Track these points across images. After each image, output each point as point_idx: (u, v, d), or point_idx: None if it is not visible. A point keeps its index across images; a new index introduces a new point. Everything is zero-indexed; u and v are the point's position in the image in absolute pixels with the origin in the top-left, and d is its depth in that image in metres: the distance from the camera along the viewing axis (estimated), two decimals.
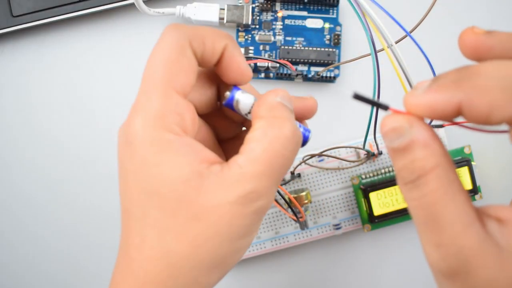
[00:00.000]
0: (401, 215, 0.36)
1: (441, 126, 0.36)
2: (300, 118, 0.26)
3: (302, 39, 0.39)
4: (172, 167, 0.21)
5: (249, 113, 0.25)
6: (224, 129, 0.27)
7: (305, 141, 0.25)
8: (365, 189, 0.36)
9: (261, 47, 0.39)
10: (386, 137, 0.19)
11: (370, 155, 0.37)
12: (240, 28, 0.39)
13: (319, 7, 0.39)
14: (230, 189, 0.21)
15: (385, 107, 0.19)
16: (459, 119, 0.19)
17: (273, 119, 0.23)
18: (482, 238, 0.18)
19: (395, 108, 0.19)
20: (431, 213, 0.18)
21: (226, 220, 0.21)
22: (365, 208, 0.37)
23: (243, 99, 0.24)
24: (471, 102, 0.17)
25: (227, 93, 0.25)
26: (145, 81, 0.23)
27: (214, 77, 0.26)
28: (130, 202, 0.22)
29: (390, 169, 0.37)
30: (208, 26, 0.24)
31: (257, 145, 0.22)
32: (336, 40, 0.39)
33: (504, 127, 0.18)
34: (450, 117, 0.18)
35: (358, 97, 0.19)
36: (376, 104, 0.19)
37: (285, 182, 0.37)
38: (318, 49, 0.38)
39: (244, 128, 0.28)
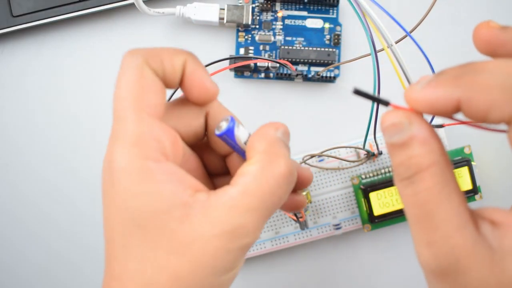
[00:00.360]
0: (401, 215, 0.36)
1: (441, 126, 0.36)
2: (297, 187, 0.25)
3: (302, 39, 0.39)
4: (153, 197, 0.21)
5: (237, 146, 0.24)
6: (210, 163, 0.26)
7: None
8: (365, 189, 0.36)
9: (261, 47, 0.39)
10: (385, 132, 0.19)
11: (370, 155, 0.37)
12: (240, 28, 0.39)
13: (319, 7, 0.39)
14: (217, 221, 0.21)
15: (386, 103, 0.19)
16: (460, 118, 0.19)
17: (272, 155, 0.22)
18: (475, 239, 0.18)
19: (396, 104, 0.19)
20: (425, 211, 0.18)
21: (210, 255, 0.21)
22: (365, 208, 0.37)
23: (239, 130, 0.24)
24: (470, 99, 0.17)
25: (223, 124, 0.24)
26: (115, 109, 0.22)
27: (201, 108, 0.25)
28: (112, 232, 0.22)
29: (390, 169, 0.37)
30: (164, 46, 0.23)
31: (252, 180, 0.21)
32: (336, 40, 0.39)
33: (503, 126, 0.18)
34: (449, 113, 0.18)
35: (358, 92, 0.19)
36: (377, 100, 0.19)
37: None
38: (318, 49, 0.38)
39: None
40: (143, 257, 0.21)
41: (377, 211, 0.36)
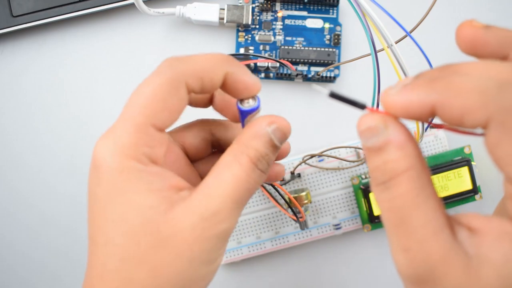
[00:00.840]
0: None
1: (440, 126, 0.36)
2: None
3: (302, 39, 0.39)
4: (138, 194, 0.21)
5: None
6: (196, 150, 0.27)
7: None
8: (365, 189, 0.36)
9: (261, 47, 0.39)
10: (361, 135, 0.19)
11: None
12: (240, 28, 0.39)
13: (319, 7, 0.39)
14: (194, 210, 0.21)
15: (362, 106, 0.19)
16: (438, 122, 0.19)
17: (244, 147, 0.23)
18: (451, 245, 0.17)
19: (372, 107, 0.19)
20: (401, 216, 0.18)
21: (187, 244, 0.21)
22: (365, 208, 0.37)
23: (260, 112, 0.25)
24: (444, 104, 0.17)
25: (250, 101, 0.24)
26: (127, 108, 0.22)
27: (207, 121, 0.26)
28: (94, 228, 0.22)
29: None
30: (205, 55, 0.23)
31: (225, 168, 0.22)
32: (336, 40, 0.39)
33: (480, 130, 0.17)
34: (425, 117, 0.18)
35: (334, 95, 0.19)
36: (353, 103, 0.19)
37: (285, 182, 0.37)
38: (318, 49, 0.38)
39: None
40: (124, 254, 0.21)
41: (377, 211, 0.36)
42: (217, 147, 0.28)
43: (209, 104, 0.27)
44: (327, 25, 0.39)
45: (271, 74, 0.39)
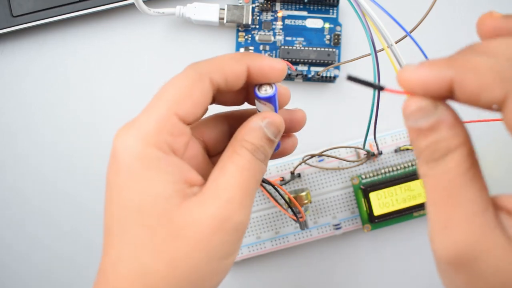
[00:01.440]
0: (401, 215, 0.36)
1: None
2: (288, 130, 0.27)
3: (302, 39, 0.39)
4: (156, 183, 0.21)
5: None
6: (215, 144, 0.27)
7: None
8: (365, 189, 0.36)
9: (261, 47, 0.39)
10: (410, 117, 0.19)
11: (370, 155, 0.37)
12: (240, 28, 0.39)
13: (319, 7, 0.39)
14: (209, 203, 0.22)
15: (380, 88, 0.19)
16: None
17: (237, 148, 0.23)
18: (494, 225, 0.17)
19: (391, 88, 0.19)
20: (448, 190, 0.18)
21: (205, 235, 0.21)
22: (365, 208, 0.37)
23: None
24: (462, 80, 0.17)
25: (267, 88, 0.25)
26: (152, 100, 0.23)
27: (224, 115, 0.27)
28: (111, 218, 0.22)
29: (390, 169, 0.37)
30: (224, 54, 0.24)
31: (228, 162, 0.23)
32: (336, 40, 0.39)
33: (498, 115, 0.17)
34: (443, 95, 0.18)
35: (352, 78, 0.19)
36: (371, 85, 0.19)
37: (285, 182, 0.37)
38: (318, 49, 0.38)
39: None
40: (140, 243, 0.21)
41: (377, 211, 0.36)
42: None
43: (244, 100, 0.27)
44: (327, 25, 0.39)
45: None
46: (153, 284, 0.21)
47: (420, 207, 0.37)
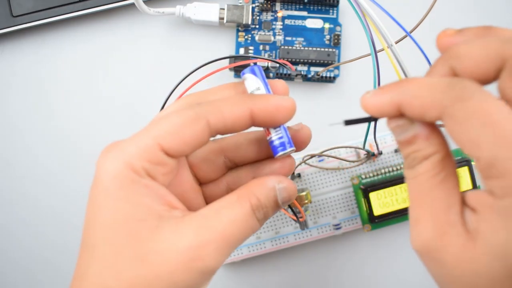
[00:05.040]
0: (401, 215, 0.36)
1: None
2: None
3: (302, 39, 0.39)
4: (129, 203, 0.22)
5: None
6: (205, 173, 0.27)
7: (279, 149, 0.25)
8: (365, 189, 0.36)
9: (261, 47, 0.39)
10: (393, 131, 0.22)
11: (370, 155, 0.37)
12: (240, 28, 0.39)
13: (319, 7, 0.39)
14: (183, 236, 0.21)
15: (374, 119, 0.23)
16: None
17: (247, 196, 0.23)
18: (456, 220, 0.20)
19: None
20: (420, 191, 0.21)
21: (170, 267, 0.21)
22: (365, 208, 0.37)
23: (258, 76, 0.25)
24: (406, 103, 0.20)
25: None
26: (143, 128, 0.23)
27: (217, 143, 0.27)
28: (86, 232, 0.22)
29: (390, 169, 0.37)
30: (229, 97, 0.24)
31: (226, 207, 0.23)
32: (336, 40, 0.39)
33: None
34: (396, 115, 0.21)
35: (349, 122, 0.22)
36: (367, 120, 0.23)
37: None
38: (318, 49, 0.38)
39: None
40: (106, 262, 0.21)
41: (377, 211, 0.36)
42: (232, 166, 0.28)
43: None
44: (327, 25, 0.39)
45: (271, 74, 0.39)
46: None
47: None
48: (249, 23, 0.38)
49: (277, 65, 0.38)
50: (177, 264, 0.21)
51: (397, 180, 0.36)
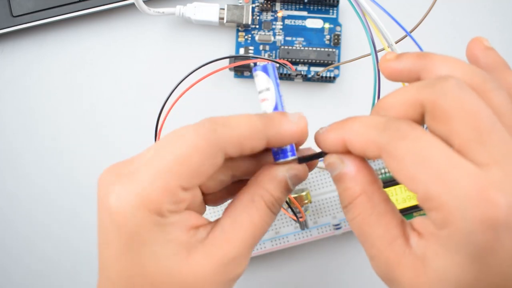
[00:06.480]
0: (401, 215, 0.36)
1: None
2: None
3: (302, 39, 0.39)
4: (160, 244, 0.21)
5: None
6: (212, 187, 0.26)
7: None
8: None
9: (261, 47, 0.39)
10: (327, 169, 0.23)
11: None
12: (240, 28, 0.39)
13: (319, 7, 0.39)
14: (214, 257, 0.22)
15: (324, 154, 0.24)
16: None
17: (259, 193, 0.24)
18: (403, 251, 0.21)
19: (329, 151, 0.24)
20: (361, 232, 0.22)
21: (208, 286, 0.22)
22: None
23: (271, 76, 0.25)
24: (349, 142, 0.22)
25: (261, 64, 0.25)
26: (156, 159, 0.21)
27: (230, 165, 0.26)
28: (116, 278, 0.22)
29: None
30: (245, 120, 0.23)
31: (243, 213, 0.23)
32: (336, 40, 0.39)
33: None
34: (343, 151, 0.22)
35: (303, 160, 0.24)
36: (318, 155, 0.24)
37: None
38: (318, 49, 0.38)
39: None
40: None
41: None
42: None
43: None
44: (327, 25, 0.39)
45: None
46: None
47: (420, 207, 0.37)
48: (249, 23, 0.38)
49: (277, 65, 0.38)
50: (213, 283, 0.22)
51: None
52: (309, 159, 0.24)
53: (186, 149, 0.21)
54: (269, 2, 0.38)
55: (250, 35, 0.39)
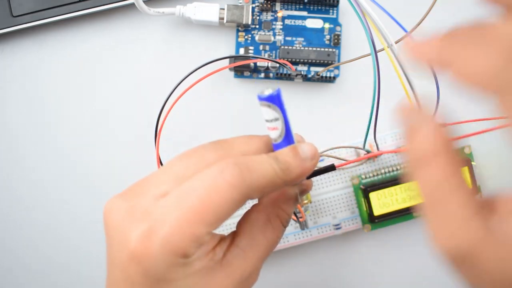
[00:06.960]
0: (401, 215, 0.36)
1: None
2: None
3: (302, 39, 0.39)
4: (186, 278, 0.23)
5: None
6: None
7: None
8: (365, 189, 0.36)
9: (261, 47, 0.39)
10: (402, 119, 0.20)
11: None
12: (240, 28, 0.39)
13: (319, 7, 0.39)
14: (233, 276, 0.24)
15: (333, 167, 0.26)
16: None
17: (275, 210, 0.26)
18: (486, 227, 0.19)
19: (339, 162, 0.27)
20: (437, 200, 0.19)
21: None
22: (365, 208, 0.37)
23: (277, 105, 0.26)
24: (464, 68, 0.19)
25: (268, 90, 0.25)
26: (186, 201, 0.22)
27: None
28: None
29: (390, 169, 0.37)
30: (266, 169, 0.24)
31: (260, 233, 0.25)
32: (336, 40, 0.39)
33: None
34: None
35: (311, 175, 0.25)
36: (326, 170, 0.26)
37: None
38: (318, 49, 0.38)
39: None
40: None
41: (377, 211, 0.36)
42: None
43: None
44: (327, 25, 0.39)
45: (271, 74, 0.39)
46: None
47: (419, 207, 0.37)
48: (249, 23, 0.38)
49: (277, 65, 0.38)
50: None
51: (397, 180, 0.36)
52: (317, 174, 0.25)
53: (219, 200, 0.22)
54: (269, 2, 0.38)
55: (250, 35, 0.39)
